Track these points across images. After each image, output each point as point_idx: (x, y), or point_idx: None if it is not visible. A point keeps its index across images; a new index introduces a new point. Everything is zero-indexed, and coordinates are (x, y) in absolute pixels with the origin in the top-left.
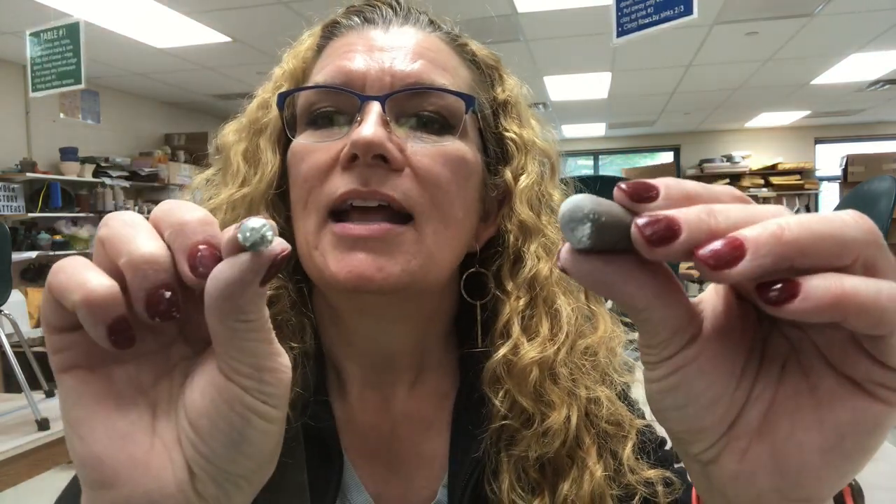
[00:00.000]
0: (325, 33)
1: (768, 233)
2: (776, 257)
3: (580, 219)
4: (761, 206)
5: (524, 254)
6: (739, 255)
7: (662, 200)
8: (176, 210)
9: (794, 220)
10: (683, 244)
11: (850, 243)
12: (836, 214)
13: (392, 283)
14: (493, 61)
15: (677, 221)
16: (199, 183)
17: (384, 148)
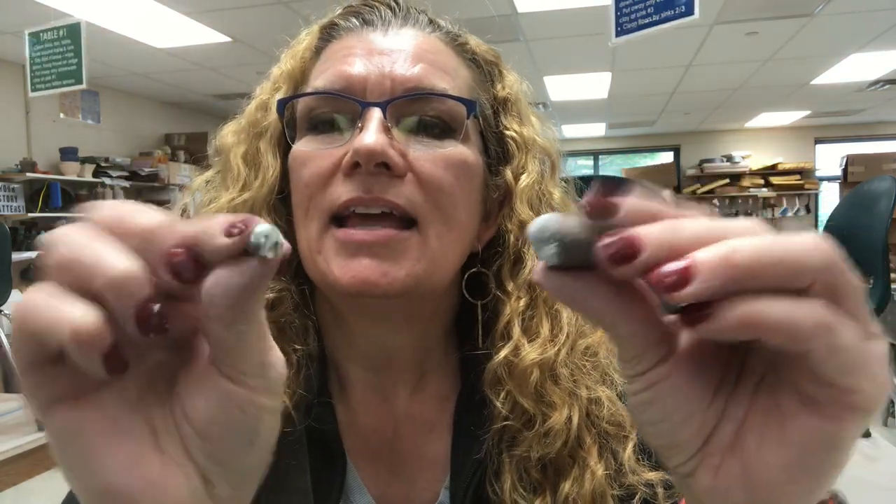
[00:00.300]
0: (324, 35)
1: (719, 256)
2: (725, 280)
3: (546, 239)
4: (728, 223)
5: (525, 254)
6: (688, 278)
7: (626, 217)
8: (130, 216)
9: (748, 243)
10: (644, 262)
11: (804, 269)
12: (795, 238)
13: (397, 288)
14: (492, 57)
15: (638, 240)
16: (199, 185)
17: (386, 156)
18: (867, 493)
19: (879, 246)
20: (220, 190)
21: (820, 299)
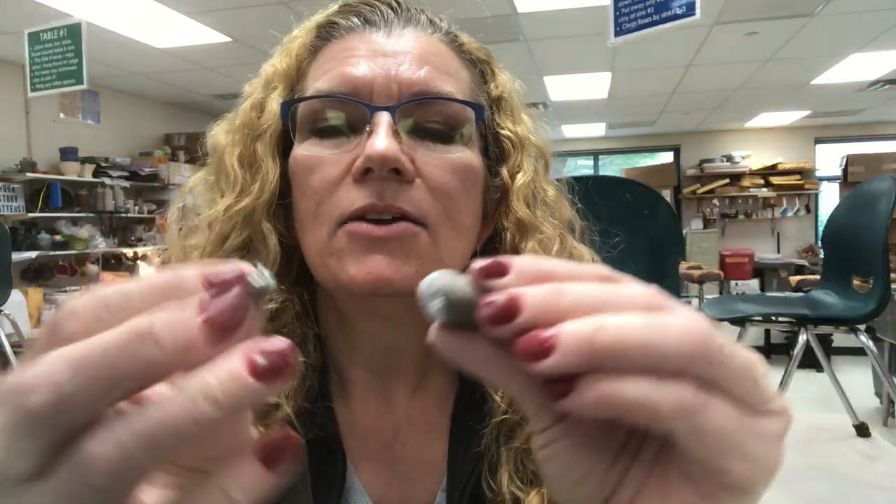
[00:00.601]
0: (321, 33)
1: (581, 334)
2: (584, 359)
3: (432, 294)
4: (619, 292)
5: (521, 251)
6: (548, 351)
7: (513, 278)
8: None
9: (617, 323)
10: (522, 325)
11: (670, 357)
12: (670, 322)
13: (408, 286)
14: (485, 56)
15: (518, 301)
16: (193, 184)
17: (398, 162)
18: (867, 493)
19: (879, 246)
20: (213, 193)
21: (689, 381)
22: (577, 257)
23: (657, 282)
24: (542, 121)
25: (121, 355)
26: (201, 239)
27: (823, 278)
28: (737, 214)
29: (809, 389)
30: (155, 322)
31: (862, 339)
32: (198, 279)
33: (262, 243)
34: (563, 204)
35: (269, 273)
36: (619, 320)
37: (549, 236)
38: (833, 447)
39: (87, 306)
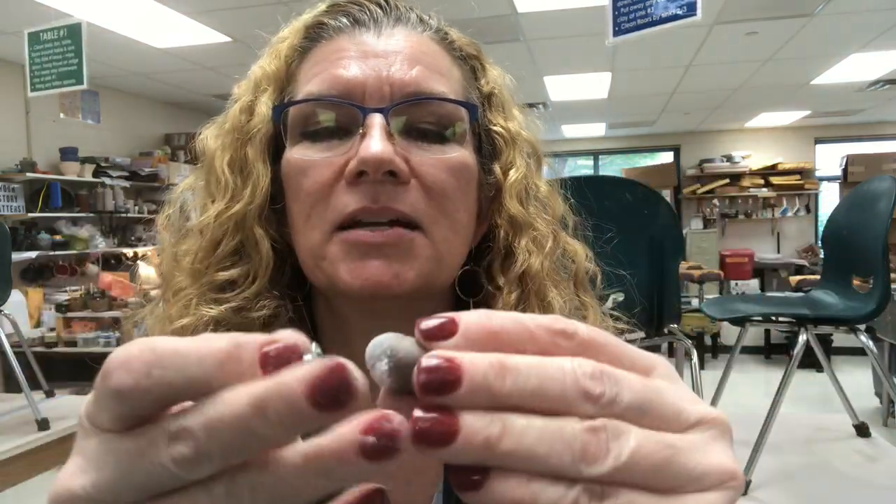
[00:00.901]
0: (310, 34)
1: (483, 437)
2: (477, 459)
3: (378, 356)
4: (563, 369)
5: (515, 248)
6: (447, 441)
7: (460, 339)
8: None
9: (519, 429)
10: (461, 400)
11: (566, 471)
12: (570, 431)
13: (407, 289)
14: (474, 51)
15: (458, 373)
16: (184, 188)
17: (393, 164)
18: (867, 493)
19: (879, 246)
20: (203, 198)
21: (590, 486)
22: (570, 253)
23: (658, 282)
24: (533, 116)
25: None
26: (193, 245)
27: (823, 278)
28: (737, 214)
29: (809, 389)
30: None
31: (862, 339)
32: (256, 352)
33: (254, 249)
34: (555, 200)
35: (319, 350)
36: (526, 428)
37: (543, 233)
38: (833, 447)
39: (139, 359)
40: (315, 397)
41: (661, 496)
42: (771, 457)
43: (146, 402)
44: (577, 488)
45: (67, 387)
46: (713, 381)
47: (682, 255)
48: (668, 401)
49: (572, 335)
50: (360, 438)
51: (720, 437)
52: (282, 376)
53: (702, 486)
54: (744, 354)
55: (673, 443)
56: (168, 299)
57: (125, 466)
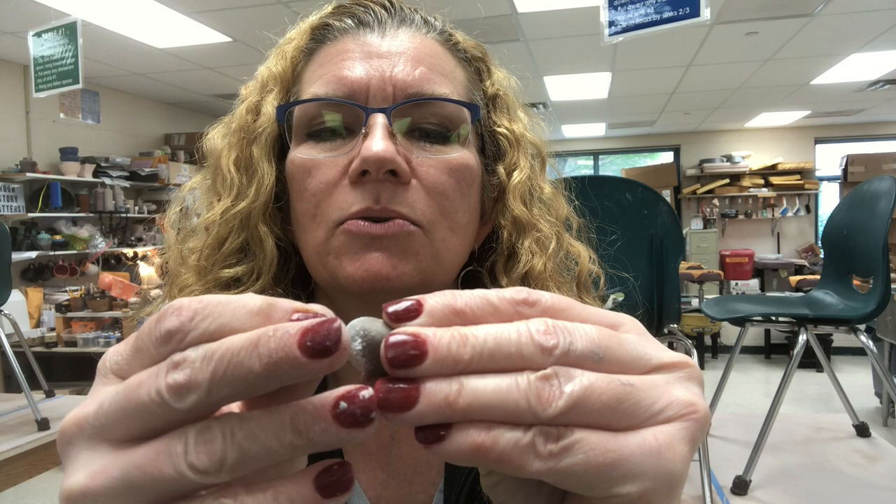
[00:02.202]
0: (315, 35)
1: (442, 395)
2: (444, 417)
3: (352, 337)
4: (520, 334)
5: (518, 249)
6: (409, 405)
7: (425, 318)
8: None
9: (474, 387)
10: (427, 371)
11: (522, 417)
12: (522, 384)
13: (406, 282)
14: (480, 53)
15: (423, 347)
16: (190, 187)
17: (395, 163)
18: (867, 493)
19: (879, 246)
20: (209, 196)
21: (545, 429)
22: (573, 255)
23: (658, 282)
24: (538, 118)
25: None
26: (199, 242)
27: (823, 278)
28: (737, 214)
29: (809, 389)
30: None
31: (862, 339)
32: (287, 314)
33: (258, 246)
34: (559, 201)
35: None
36: (482, 384)
37: (546, 234)
38: (833, 447)
39: (189, 307)
40: (304, 341)
41: (618, 432)
42: (771, 457)
43: (185, 344)
44: (533, 430)
45: (67, 387)
46: (713, 381)
47: (683, 256)
48: (627, 347)
49: (534, 303)
50: (336, 402)
51: (686, 378)
52: (283, 325)
53: (659, 420)
54: (744, 354)
55: (631, 381)
56: (174, 295)
57: (123, 395)
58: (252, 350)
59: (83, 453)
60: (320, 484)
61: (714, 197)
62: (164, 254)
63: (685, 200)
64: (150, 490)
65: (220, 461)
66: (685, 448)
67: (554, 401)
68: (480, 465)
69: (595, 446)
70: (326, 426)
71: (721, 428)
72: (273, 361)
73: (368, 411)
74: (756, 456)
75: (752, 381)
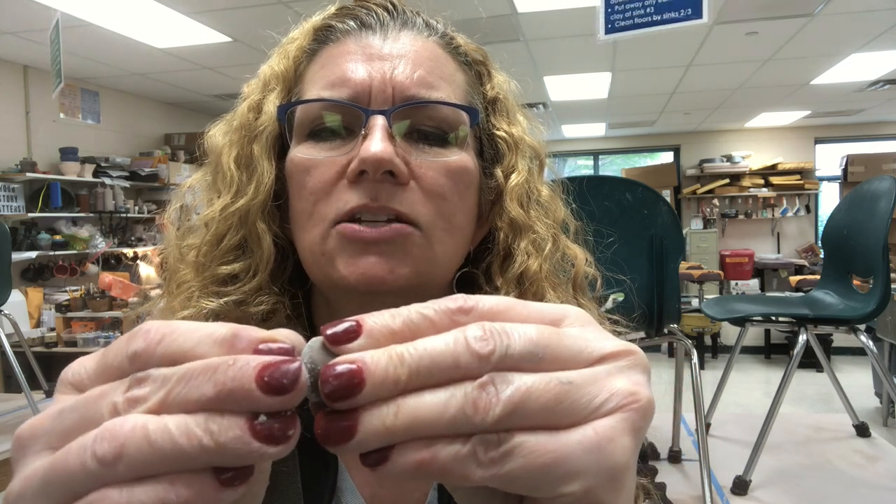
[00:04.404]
0: (318, 36)
1: (380, 421)
2: (382, 443)
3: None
4: (457, 346)
5: (514, 250)
6: (349, 437)
7: (364, 339)
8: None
9: (411, 406)
10: (367, 398)
11: (459, 428)
12: (457, 397)
13: (401, 285)
14: (481, 57)
15: (361, 375)
16: (191, 184)
17: (392, 164)
18: (867, 493)
19: (879, 246)
20: (210, 193)
21: (480, 437)
22: (570, 257)
23: (658, 282)
24: (537, 121)
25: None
26: (198, 238)
27: (823, 278)
28: (737, 214)
29: (809, 389)
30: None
31: (862, 339)
32: (250, 346)
33: (256, 243)
34: (557, 204)
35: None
36: (419, 402)
37: (543, 236)
38: (833, 447)
39: (158, 330)
40: (262, 376)
41: (559, 431)
42: (771, 457)
43: (148, 365)
44: (473, 440)
45: None
46: (713, 381)
47: (683, 256)
48: (566, 342)
49: (470, 309)
50: (256, 415)
51: (628, 367)
52: (245, 356)
53: (600, 414)
54: (744, 354)
55: (570, 379)
56: (172, 291)
57: (82, 406)
58: (210, 375)
59: (29, 459)
60: (220, 474)
61: (714, 197)
62: (163, 251)
63: (685, 200)
64: (60, 486)
65: (119, 449)
66: (627, 439)
67: (491, 408)
68: (427, 479)
69: (534, 448)
70: (241, 434)
71: (721, 428)
72: (227, 390)
73: (287, 428)
74: (756, 456)
75: (752, 381)
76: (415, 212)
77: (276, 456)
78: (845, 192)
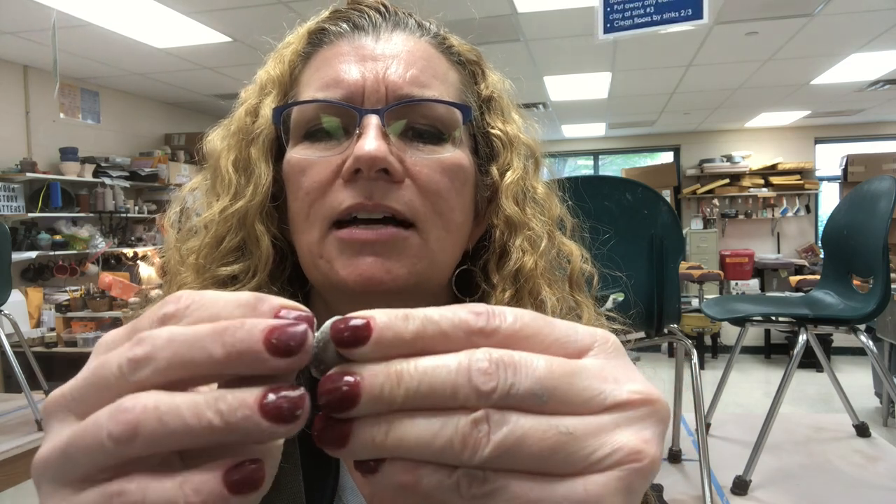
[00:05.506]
0: (312, 39)
1: (370, 437)
2: (371, 455)
3: (309, 366)
4: (467, 364)
5: (510, 247)
6: (342, 444)
7: (371, 347)
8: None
9: (402, 431)
10: (359, 412)
11: (446, 459)
12: (438, 427)
13: (399, 285)
14: (475, 57)
15: (356, 391)
16: (190, 188)
17: (387, 162)
18: (867, 493)
19: (879, 246)
20: (209, 196)
21: (475, 471)
22: (566, 253)
23: (658, 282)
24: (532, 120)
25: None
26: (197, 241)
27: (823, 278)
28: (737, 214)
29: (809, 389)
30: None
31: (862, 339)
32: (272, 309)
33: (254, 245)
34: (552, 201)
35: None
36: (410, 427)
37: (538, 233)
38: (833, 447)
39: (187, 298)
40: (270, 338)
41: (549, 480)
42: (771, 457)
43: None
44: (458, 473)
45: None
46: (713, 381)
47: (683, 256)
48: (577, 385)
49: (492, 332)
50: (265, 393)
51: (641, 418)
52: (254, 319)
53: (596, 469)
54: (744, 354)
55: (570, 428)
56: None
57: (95, 368)
58: (218, 336)
59: (55, 425)
60: (229, 479)
61: (714, 197)
62: (164, 255)
63: (685, 200)
64: (80, 459)
65: (133, 429)
66: (619, 499)
67: (480, 449)
68: (411, 498)
69: (517, 494)
70: (250, 413)
71: (721, 428)
72: (235, 350)
73: (296, 408)
74: (756, 456)
75: (752, 381)
76: (411, 209)
77: (285, 434)
78: (845, 192)
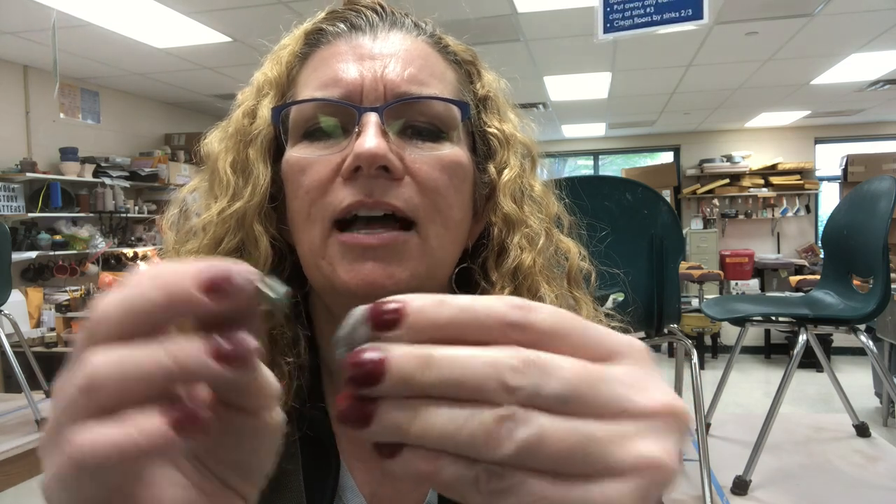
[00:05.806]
0: (309, 40)
1: (393, 422)
2: (392, 439)
3: (338, 341)
4: (489, 364)
5: (508, 245)
6: (364, 424)
7: (404, 330)
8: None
9: (427, 419)
10: (383, 391)
11: (476, 454)
12: (479, 420)
13: (402, 289)
14: (470, 57)
15: (381, 369)
16: (188, 190)
17: (387, 159)
18: (867, 493)
19: (879, 246)
20: (207, 198)
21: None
22: (563, 251)
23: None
24: (528, 119)
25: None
26: (196, 243)
27: (823, 278)
28: (737, 214)
29: (809, 389)
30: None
31: (862, 339)
32: (195, 285)
33: (253, 245)
34: (550, 199)
35: (271, 281)
36: (435, 417)
37: (536, 230)
38: (833, 447)
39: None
40: (199, 277)
41: (566, 481)
42: (771, 457)
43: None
44: (477, 467)
45: None
46: (713, 381)
47: (683, 256)
48: (605, 392)
49: (527, 327)
50: (197, 270)
51: (663, 429)
52: (187, 265)
53: (614, 475)
54: (744, 354)
55: (591, 432)
56: None
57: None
58: (153, 282)
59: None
60: (172, 417)
61: (714, 197)
62: (163, 257)
63: (685, 200)
64: (65, 414)
65: (91, 379)
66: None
67: (502, 445)
68: (423, 486)
69: (535, 493)
70: (198, 354)
71: (721, 428)
72: (169, 291)
73: (238, 347)
74: (756, 456)
75: (752, 381)
76: (411, 206)
77: (235, 376)
78: (845, 192)
